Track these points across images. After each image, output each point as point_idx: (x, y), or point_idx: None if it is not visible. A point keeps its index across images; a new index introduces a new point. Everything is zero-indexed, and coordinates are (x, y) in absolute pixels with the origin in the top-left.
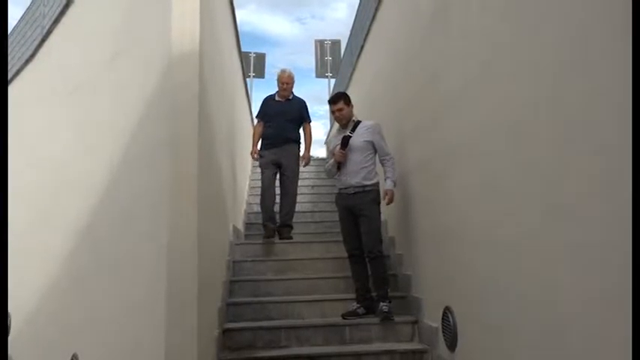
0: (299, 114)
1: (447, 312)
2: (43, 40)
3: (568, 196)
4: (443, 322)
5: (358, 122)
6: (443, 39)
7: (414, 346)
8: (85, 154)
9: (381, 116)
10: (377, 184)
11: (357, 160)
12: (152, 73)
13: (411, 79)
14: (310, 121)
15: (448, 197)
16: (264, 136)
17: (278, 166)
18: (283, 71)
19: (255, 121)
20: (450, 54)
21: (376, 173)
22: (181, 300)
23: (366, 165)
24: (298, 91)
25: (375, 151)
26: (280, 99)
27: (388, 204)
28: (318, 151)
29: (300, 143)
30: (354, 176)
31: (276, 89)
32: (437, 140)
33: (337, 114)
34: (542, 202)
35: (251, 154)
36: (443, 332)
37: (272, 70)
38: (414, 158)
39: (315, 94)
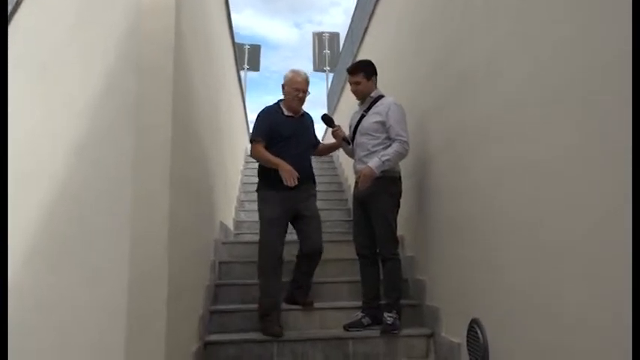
0: (313, 136)
1: (474, 325)
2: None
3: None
4: (468, 337)
5: (377, 99)
6: (461, 10)
7: None
8: (52, 132)
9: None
10: (392, 172)
11: (366, 143)
12: (117, 35)
13: (424, 57)
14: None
15: (472, 186)
16: (270, 170)
17: (294, 215)
18: (297, 73)
19: (249, 145)
20: (470, 27)
21: None
22: (146, 306)
23: (377, 149)
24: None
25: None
26: (292, 114)
27: (360, 187)
28: None
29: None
30: (363, 162)
31: (281, 97)
32: (455, 122)
33: (353, 87)
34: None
35: (288, 177)
36: (469, 349)
37: (266, 74)
38: (427, 146)
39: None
